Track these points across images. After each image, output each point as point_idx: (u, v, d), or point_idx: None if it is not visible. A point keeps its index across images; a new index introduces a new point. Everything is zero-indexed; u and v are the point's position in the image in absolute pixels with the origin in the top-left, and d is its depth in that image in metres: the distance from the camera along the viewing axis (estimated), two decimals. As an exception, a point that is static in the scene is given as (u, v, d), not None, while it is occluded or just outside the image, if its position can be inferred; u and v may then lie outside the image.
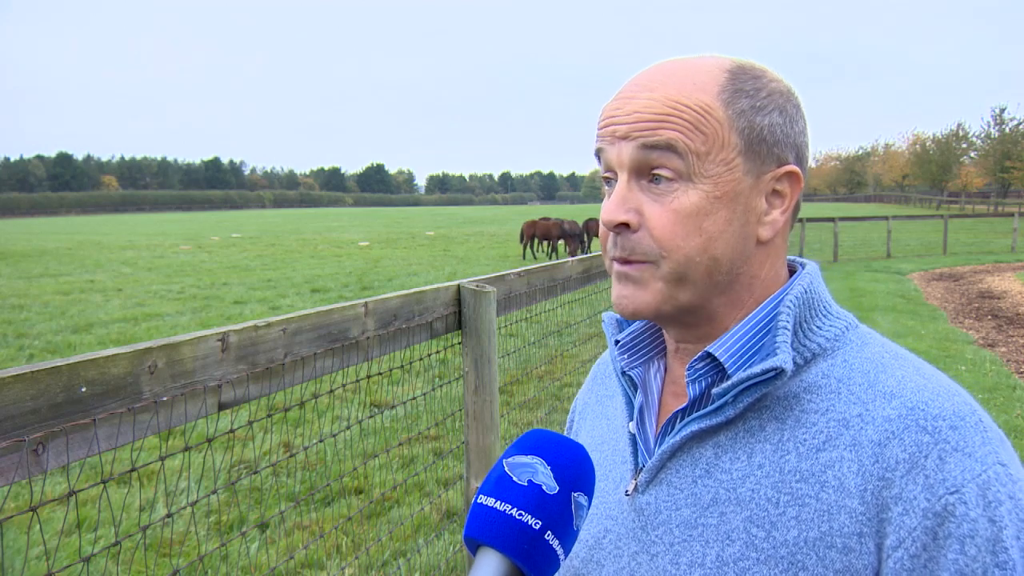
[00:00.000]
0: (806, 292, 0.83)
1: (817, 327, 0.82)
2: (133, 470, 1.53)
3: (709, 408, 0.81)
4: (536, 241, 23.15)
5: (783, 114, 0.82)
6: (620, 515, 0.88)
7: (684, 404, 0.84)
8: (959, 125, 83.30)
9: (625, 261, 0.82)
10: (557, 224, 22.33)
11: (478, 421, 2.66)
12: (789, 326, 0.80)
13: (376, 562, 3.69)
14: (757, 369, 0.77)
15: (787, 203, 0.83)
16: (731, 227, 0.80)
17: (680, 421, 0.84)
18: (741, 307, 0.84)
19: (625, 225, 0.80)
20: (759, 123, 0.80)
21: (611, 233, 0.82)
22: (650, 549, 0.83)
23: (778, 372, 0.77)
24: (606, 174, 0.84)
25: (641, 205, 0.80)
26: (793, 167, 0.82)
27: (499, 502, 0.66)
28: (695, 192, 0.78)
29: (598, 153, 0.84)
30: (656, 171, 0.79)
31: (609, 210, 0.81)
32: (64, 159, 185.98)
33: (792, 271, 0.90)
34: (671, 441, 0.83)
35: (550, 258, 21.92)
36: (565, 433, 1.09)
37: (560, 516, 0.67)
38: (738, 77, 0.81)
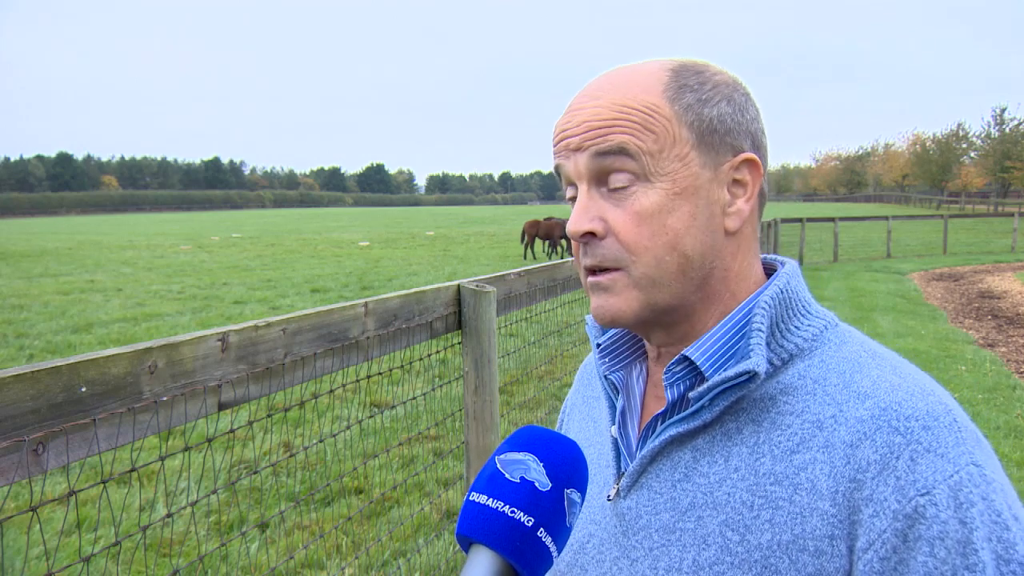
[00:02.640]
0: (782, 292, 0.83)
1: (795, 327, 0.82)
2: (133, 470, 1.52)
3: (686, 412, 0.80)
4: (538, 240, 23.13)
5: (731, 103, 0.82)
6: (603, 520, 0.88)
7: (663, 408, 0.83)
8: (959, 125, 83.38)
9: (596, 270, 0.82)
10: (559, 224, 22.32)
11: (478, 421, 2.66)
12: (764, 327, 0.79)
13: (376, 562, 3.69)
14: (731, 372, 0.77)
15: (750, 191, 0.83)
16: (696, 221, 0.79)
17: (660, 425, 0.84)
18: (719, 302, 0.83)
19: (592, 234, 0.80)
20: (707, 115, 0.80)
21: (580, 244, 0.82)
22: (630, 554, 0.83)
23: (751, 375, 0.77)
24: (569, 190, 0.84)
25: (604, 212, 0.80)
26: (750, 154, 0.82)
27: (491, 499, 0.66)
28: (654, 192, 0.79)
29: (557, 170, 0.85)
30: (613, 176, 0.79)
31: (574, 221, 0.81)
32: (64, 159, 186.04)
33: (772, 270, 0.89)
34: (651, 445, 0.83)
35: (551, 258, 21.92)
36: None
37: (553, 513, 0.66)
38: (680, 74, 0.81)
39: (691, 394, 0.80)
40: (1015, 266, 17.58)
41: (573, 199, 0.84)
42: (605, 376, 0.92)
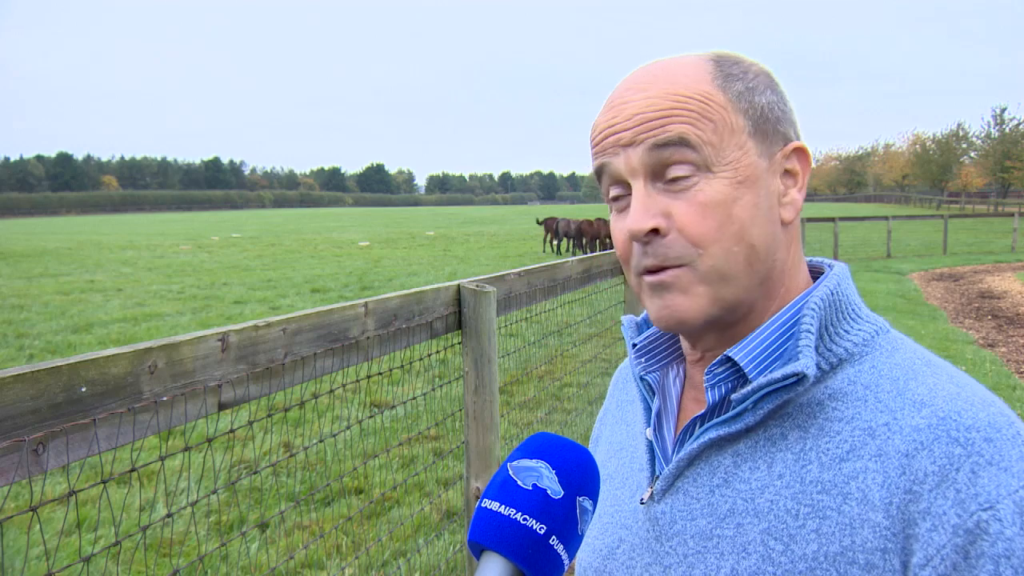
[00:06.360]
0: (832, 294, 0.79)
1: (844, 331, 0.78)
2: (133, 470, 1.52)
3: (728, 415, 0.77)
4: (545, 240, 23.11)
5: (775, 92, 0.80)
6: (635, 524, 0.85)
7: (703, 410, 0.80)
8: (959, 125, 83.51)
9: (658, 270, 0.77)
10: (607, 223, 22.33)
11: (478, 421, 2.66)
12: (813, 329, 0.76)
13: (376, 562, 3.69)
14: (778, 374, 0.73)
15: (801, 181, 0.81)
16: (759, 211, 0.77)
17: (699, 428, 0.81)
18: (776, 297, 0.80)
19: (655, 231, 0.76)
20: (758, 102, 0.78)
21: (636, 245, 0.78)
22: (663, 561, 0.80)
23: (800, 378, 0.74)
24: (614, 189, 0.79)
25: (666, 207, 0.76)
26: (800, 143, 0.81)
27: (504, 506, 0.65)
28: (717, 181, 0.75)
29: (600, 170, 0.80)
30: (672, 168, 0.75)
31: (635, 220, 0.76)
32: (64, 159, 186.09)
33: (819, 272, 0.86)
34: (688, 448, 0.80)
35: (549, 256, 21.90)
36: (589, 445, 1.07)
37: (565, 521, 0.66)
38: (722, 64, 0.79)
39: (733, 396, 0.76)
40: (1015, 266, 17.57)
41: (616, 199, 0.80)
42: (641, 377, 0.90)
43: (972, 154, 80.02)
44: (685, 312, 0.77)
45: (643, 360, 0.90)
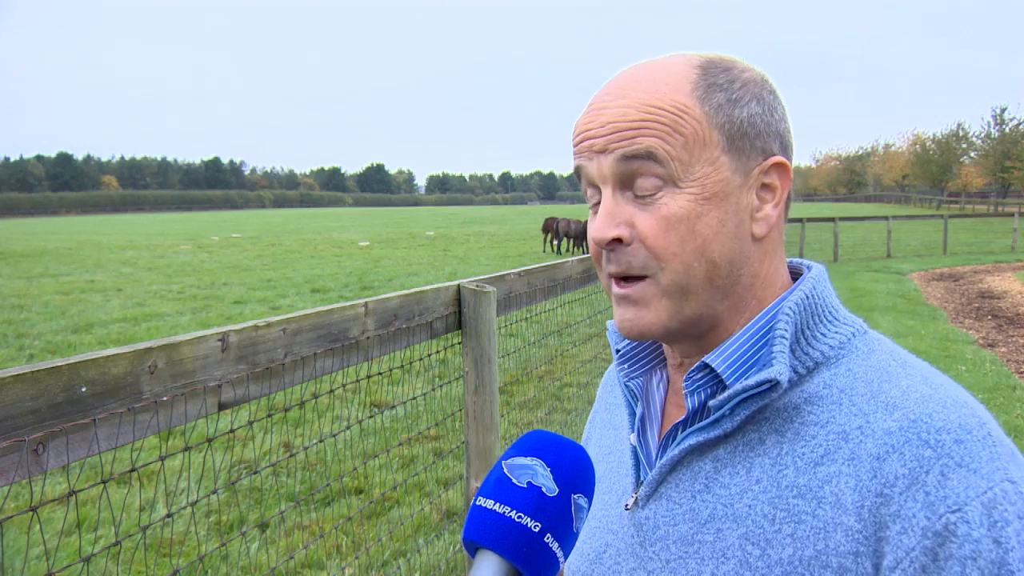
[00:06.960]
0: (807, 298, 0.80)
1: (821, 334, 0.79)
2: (133, 470, 1.52)
3: (707, 421, 0.78)
4: (577, 242, 23.24)
5: (761, 103, 0.79)
6: (620, 530, 0.86)
7: (684, 416, 0.81)
8: (959, 125, 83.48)
9: (623, 279, 0.79)
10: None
11: (478, 421, 2.66)
12: (787, 335, 0.77)
13: (376, 562, 3.69)
14: (752, 381, 0.74)
15: (778, 196, 0.80)
16: (725, 228, 0.76)
17: (680, 433, 0.81)
18: (746, 309, 0.80)
19: (618, 240, 0.77)
20: (738, 116, 0.77)
21: (603, 250, 0.79)
22: (647, 566, 0.81)
23: (773, 384, 0.74)
24: (591, 191, 0.81)
25: (631, 217, 0.77)
26: (780, 158, 0.79)
27: (498, 504, 0.66)
28: (683, 196, 0.75)
29: (578, 171, 0.81)
30: (640, 180, 0.76)
31: (599, 227, 0.77)
32: (64, 159, 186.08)
33: (798, 274, 0.87)
34: (671, 454, 0.81)
35: (551, 255, 21.92)
36: (582, 444, 1.08)
37: (560, 518, 0.66)
38: (709, 72, 0.78)
39: (711, 403, 0.77)
40: (1015, 266, 17.57)
41: (597, 204, 0.80)
42: (625, 383, 0.90)
43: (972, 154, 79.99)
44: (645, 324, 0.79)
45: (626, 366, 0.91)
